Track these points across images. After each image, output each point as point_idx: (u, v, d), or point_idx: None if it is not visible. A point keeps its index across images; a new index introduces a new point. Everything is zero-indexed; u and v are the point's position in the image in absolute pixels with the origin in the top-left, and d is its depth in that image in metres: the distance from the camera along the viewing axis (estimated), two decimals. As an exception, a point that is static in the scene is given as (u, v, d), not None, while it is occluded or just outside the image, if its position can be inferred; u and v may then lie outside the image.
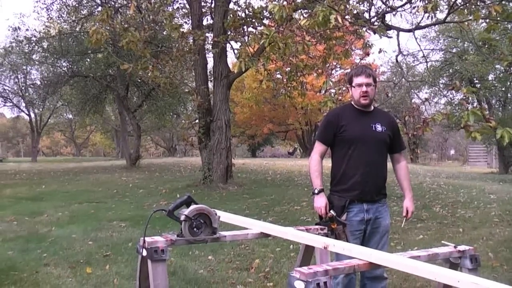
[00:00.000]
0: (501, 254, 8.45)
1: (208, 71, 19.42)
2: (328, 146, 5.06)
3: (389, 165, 5.14)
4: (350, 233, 4.74)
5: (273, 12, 8.29)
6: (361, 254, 3.40)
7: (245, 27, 16.48)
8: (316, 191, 4.89)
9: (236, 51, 18.09)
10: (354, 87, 4.93)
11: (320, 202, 4.85)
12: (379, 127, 4.93)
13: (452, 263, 3.72)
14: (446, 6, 10.37)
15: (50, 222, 11.53)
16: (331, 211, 4.75)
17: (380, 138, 4.93)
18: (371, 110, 5.05)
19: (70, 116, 54.70)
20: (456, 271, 3.32)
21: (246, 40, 16.04)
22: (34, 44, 26.47)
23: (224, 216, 4.60)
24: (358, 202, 4.85)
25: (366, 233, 4.90)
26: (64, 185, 19.17)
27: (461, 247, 3.68)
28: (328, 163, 4.89)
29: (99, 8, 22.51)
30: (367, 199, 4.87)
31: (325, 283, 2.91)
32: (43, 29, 27.43)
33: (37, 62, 30.75)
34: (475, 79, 26.22)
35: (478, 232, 10.24)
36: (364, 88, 4.84)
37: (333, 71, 42.25)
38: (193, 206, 4.03)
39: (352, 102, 5.06)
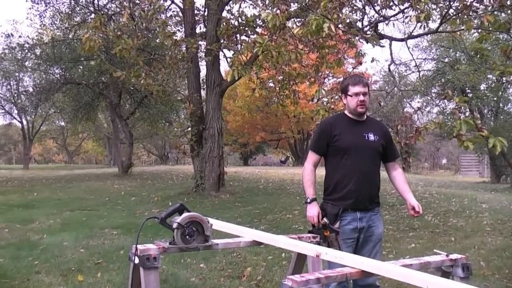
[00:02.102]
0: (492, 263, 8.47)
1: (201, 79, 19.45)
2: (321, 155, 5.08)
3: (383, 174, 5.15)
4: (343, 241, 4.73)
5: (266, 20, 8.33)
6: (353, 262, 3.41)
7: (238, 35, 16.53)
8: (308, 200, 4.91)
9: (229, 59, 18.12)
10: (350, 96, 4.95)
11: (313, 211, 4.86)
12: (371, 136, 4.96)
13: (444, 272, 3.73)
14: (439, 16, 10.40)
15: (42, 230, 11.50)
16: (324, 218, 4.75)
17: (373, 147, 4.96)
18: (364, 119, 5.07)
19: (62, 123, 54.60)
20: (448, 280, 3.33)
21: (239, 48, 16.08)
22: (27, 51, 26.44)
23: (217, 224, 4.60)
24: (351, 210, 4.86)
25: (359, 241, 4.90)
26: (56, 192, 19.12)
27: (453, 256, 3.70)
28: (321, 171, 4.88)
29: (92, 16, 22.45)
30: (361, 208, 4.88)
31: (317, 291, 2.92)
32: (36, 36, 27.48)
33: (29, 69, 30.68)
34: (467, 88, 26.30)
35: (470, 241, 10.27)
36: (361, 98, 4.88)
37: (326, 80, 42.26)
38: (185, 214, 4.03)
39: (346, 111, 5.10)
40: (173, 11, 19.66)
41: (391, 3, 11.31)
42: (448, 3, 9.62)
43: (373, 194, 5.01)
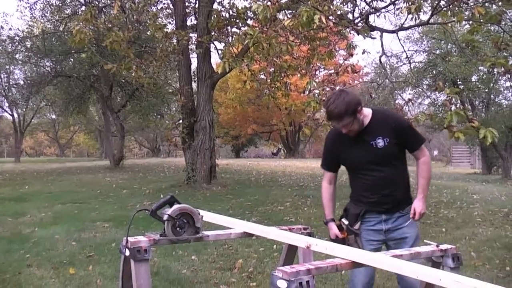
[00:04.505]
0: (483, 253, 8.52)
1: (192, 72, 19.41)
2: (335, 172, 4.80)
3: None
4: (366, 242, 4.53)
5: (257, 12, 8.31)
6: (343, 253, 3.41)
7: (229, 27, 16.49)
8: (325, 221, 4.75)
9: (220, 52, 18.14)
10: None
11: (331, 233, 4.66)
12: (380, 143, 4.45)
13: (435, 262, 3.73)
14: (430, 8, 10.42)
15: (33, 223, 11.47)
16: (343, 219, 4.61)
17: (385, 155, 4.47)
18: (368, 124, 4.50)
19: (54, 116, 54.41)
20: (438, 270, 3.34)
21: (230, 41, 16.04)
22: (17, 43, 26.34)
23: (207, 216, 4.60)
24: (375, 213, 4.55)
25: (389, 246, 4.60)
26: (48, 185, 19.07)
27: (443, 246, 3.70)
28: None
29: (83, 8, 22.44)
30: (386, 211, 4.54)
31: (307, 282, 2.92)
32: (26, 28, 27.39)
33: (20, 62, 30.56)
34: (458, 80, 26.31)
35: (461, 232, 10.32)
36: (344, 130, 4.43)
37: (317, 72, 42.30)
38: (176, 206, 4.02)
39: None
40: (164, 4, 19.65)
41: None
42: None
43: (400, 197, 4.58)
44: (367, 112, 4.51)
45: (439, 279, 2.88)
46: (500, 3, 9.49)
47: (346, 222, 4.56)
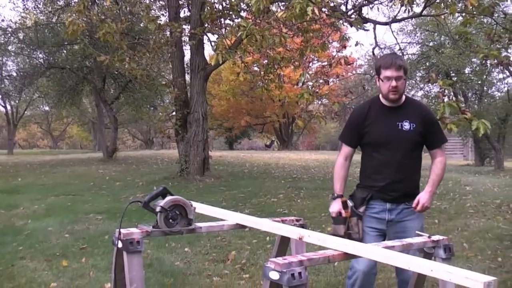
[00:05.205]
0: (475, 244, 8.56)
1: (185, 64, 19.41)
2: (354, 147, 4.69)
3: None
4: (368, 228, 4.48)
5: (250, 4, 8.31)
6: (335, 244, 3.42)
7: (222, 19, 16.47)
8: (334, 195, 4.58)
9: (213, 43, 18.15)
10: (382, 80, 4.42)
11: (334, 207, 4.51)
12: (406, 125, 4.43)
13: (426, 253, 3.74)
14: (423, 0, 10.42)
15: (26, 215, 11.47)
16: (349, 200, 4.52)
17: (408, 138, 4.44)
18: (401, 104, 4.52)
19: (47, 108, 54.30)
20: (430, 261, 3.35)
21: (223, 32, 16.02)
22: (9, 35, 26.26)
23: (200, 208, 4.60)
24: (381, 200, 4.48)
25: (388, 237, 4.51)
26: (41, 177, 19.05)
27: (435, 237, 3.71)
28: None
29: (76, -1, 22.40)
30: (391, 200, 4.48)
31: (299, 273, 2.93)
32: (19, 19, 27.27)
33: (13, 53, 30.44)
34: (451, 72, 26.30)
35: (453, 223, 10.37)
36: (393, 83, 4.33)
37: (310, 64, 42.29)
38: (168, 198, 4.02)
39: (380, 96, 4.58)
40: (157, -5, 19.62)
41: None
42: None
43: (409, 190, 4.50)
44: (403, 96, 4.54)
45: (430, 269, 2.89)
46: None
47: (351, 204, 4.50)
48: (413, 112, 4.49)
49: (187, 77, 19.53)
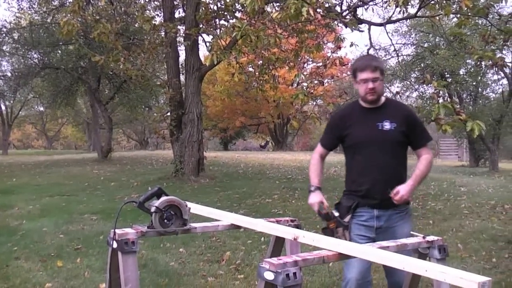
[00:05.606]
0: (470, 245, 8.58)
1: (180, 64, 19.41)
2: (329, 150, 4.68)
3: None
4: (356, 236, 4.38)
5: (245, 4, 8.31)
6: (329, 245, 3.42)
7: (217, 19, 16.46)
8: (312, 189, 4.47)
9: (208, 44, 18.12)
10: (358, 82, 4.39)
11: (313, 199, 4.41)
12: (387, 125, 4.36)
13: (421, 253, 3.75)
14: (417, 1, 10.44)
15: (21, 216, 11.46)
16: (334, 210, 4.44)
17: (389, 138, 4.37)
18: (380, 105, 4.47)
19: (42, 109, 54.37)
20: (425, 261, 3.36)
21: (218, 33, 16.02)
22: (4, 35, 26.22)
23: (195, 208, 4.60)
24: (368, 207, 4.38)
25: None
26: (35, 178, 19.04)
27: (430, 238, 3.71)
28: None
29: (70, -1, 22.37)
30: (379, 206, 4.37)
31: (294, 273, 2.93)
32: (14, 19, 27.17)
33: (7, 54, 30.43)
34: (446, 73, 26.34)
35: (448, 224, 10.39)
36: (370, 85, 4.29)
37: (305, 65, 42.32)
38: (163, 198, 4.02)
39: (359, 99, 4.55)
40: (152, -5, 19.61)
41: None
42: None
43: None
44: (382, 97, 4.50)
45: (425, 270, 2.90)
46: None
47: (337, 214, 4.41)
48: (394, 112, 4.45)
49: (182, 78, 19.53)
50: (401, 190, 4.23)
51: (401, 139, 4.41)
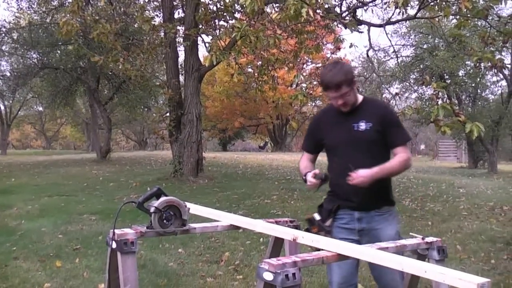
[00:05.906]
0: (469, 246, 8.59)
1: (179, 64, 19.40)
2: (314, 153, 4.62)
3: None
4: (339, 240, 4.12)
5: (244, 5, 8.30)
6: (329, 245, 3.42)
7: (216, 20, 16.48)
8: (304, 177, 4.33)
9: (207, 45, 18.11)
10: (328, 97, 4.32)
11: (308, 180, 4.23)
12: (362, 126, 4.25)
13: (420, 255, 3.75)
14: (417, 2, 10.45)
15: (20, 216, 11.45)
16: (316, 214, 4.36)
17: (364, 138, 4.25)
18: (357, 106, 4.33)
19: (40, 109, 54.36)
20: (424, 262, 3.36)
21: (218, 34, 16.03)
22: (3, 34, 26.15)
23: (194, 208, 4.60)
24: (349, 209, 4.30)
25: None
26: (34, 178, 19.01)
27: (429, 239, 3.71)
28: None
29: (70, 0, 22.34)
30: (360, 207, 4.28)
31: (293, 274, 2.93)
32: (13, 19, 27.10)
33: (6, 53, 30.36)
34: (445, 74, 26.38)
35: (447, 225, 10.40)
36: (339, 101, 4.21)
37: (304, 66, 42.31)
38: (163, 198, 4.01)
39: None
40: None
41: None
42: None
43: (375, 192, 4.21)
44: (359, 97, 4.38)
45: (424, 271, 2.90)
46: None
47: (318, 218, 4.34)
48: (370, 112, 4.31)
49: (181, 78, 19.52)
50: (361, 172, 4.06)
51: (377, 138, 4.27)
